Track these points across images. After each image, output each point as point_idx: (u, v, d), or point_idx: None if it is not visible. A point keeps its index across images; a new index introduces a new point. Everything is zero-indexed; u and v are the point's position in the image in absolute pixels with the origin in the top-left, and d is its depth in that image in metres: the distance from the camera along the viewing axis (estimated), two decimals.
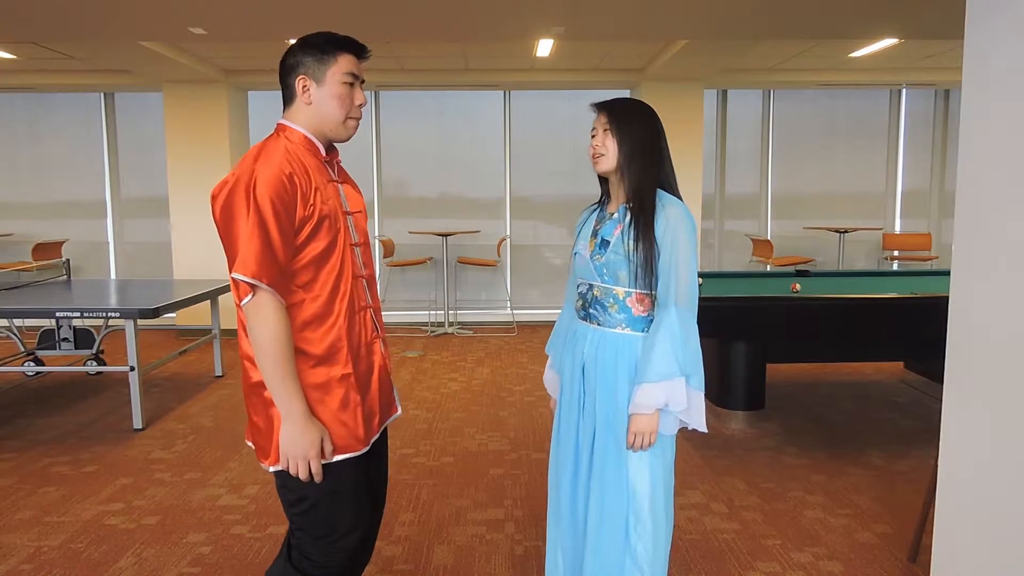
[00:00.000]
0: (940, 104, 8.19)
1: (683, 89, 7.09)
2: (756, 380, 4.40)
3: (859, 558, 2.87)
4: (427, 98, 7.94)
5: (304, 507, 1.74)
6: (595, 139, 2.00)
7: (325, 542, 1.76)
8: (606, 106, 2.00)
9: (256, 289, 1.61)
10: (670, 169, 2.01)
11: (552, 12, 4.51)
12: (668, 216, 1.92)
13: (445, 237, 7.26)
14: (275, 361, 1.63)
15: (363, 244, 1.88)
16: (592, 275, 2.03)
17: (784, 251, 8.10)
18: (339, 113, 1.78)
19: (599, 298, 2.02)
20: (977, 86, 2.16)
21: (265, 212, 1.60)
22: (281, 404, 1.66)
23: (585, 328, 2.07)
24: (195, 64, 6.32)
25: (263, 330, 1.62)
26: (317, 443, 1.67)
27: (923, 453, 3.95)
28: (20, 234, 7.86)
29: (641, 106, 2.02)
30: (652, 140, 1.97)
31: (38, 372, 5.55)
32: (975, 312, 2.18)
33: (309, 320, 1.70)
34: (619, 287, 1.98)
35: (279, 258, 1.62)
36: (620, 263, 1.96)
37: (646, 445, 1.94)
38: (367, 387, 1.82)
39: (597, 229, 2.05)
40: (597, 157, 2.00)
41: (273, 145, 1.71)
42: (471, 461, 3.93)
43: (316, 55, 1.75)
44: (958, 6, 2.42)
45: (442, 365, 6.10)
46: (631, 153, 1.95)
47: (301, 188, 1.66)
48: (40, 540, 3.07)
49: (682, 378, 1.92)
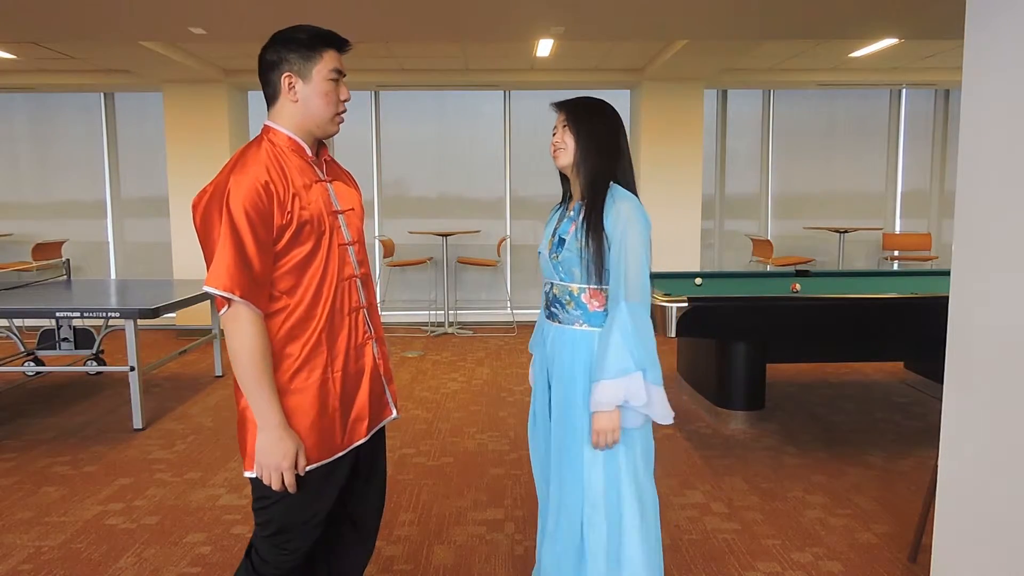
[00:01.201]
0: (940, 104, 8.19)
1: (683, 89, 7.09)
2: (756, 380, 4.39)
3: (859, 558, 2.87)
4: (427, 98, 7.94)
5: (263, 504, 1.74)
6: (555, 136, 2.06)
7: (274, 541, 1.76)
8: (564, 105, 2.07)
9: (231, 301, 1.60)
10: (627, 166, 2.05)
11: (552, 12, 4.51)
12: (619, 210, 1.95)
13: (445, 237, 7.26)
14: (251, 371, 1.62)
15: (357, 242, 1.85)
16: (552, 274, 2.10)
17: (784, 251, 8.10)
18: (327, 110, 1.75)
19: (558, 296, 2.08)
20: (977, 86, 2.16)
21: (239, 223, 1.58)
22: (257, 413, 1.65)
23: (548, 326, 2.14)
24: (195, 64, 6.32)
25: (239, 342, 1.62)
26: (291, 455, 1.65)
27: (923, 453, 3.95)
28: (20, 234, 7.86)
29: (599, 103, 2.07)
30: (608, 136, 2.02)
31: (38, 372, 5.55)
32: (975, 312, 2.18)
33: (292, 326, 1.69)
34: (574, 284, 2.03)
35: (255, 269, 1.60)
36: (574, 260, 2.01)
37: (611, 443, 1.95)
38: (355, 391, 1.80)
39: (556, 228, 2.12)
40: (557, 151, 2.05)
41: (253, 152, 1.68)
42: (471, 461, 3.93)
43: (301, 52, 1.71)
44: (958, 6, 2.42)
45: (442, 365, 6.10)
46: (587, 148, 2.00)
47: (278, 195, 1.63)
48: (40, 540, 3.07)
49: (638, 372, 1.91)
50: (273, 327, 1.68)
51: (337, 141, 7.98)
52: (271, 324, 1.68)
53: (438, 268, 7.83)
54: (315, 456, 1.72)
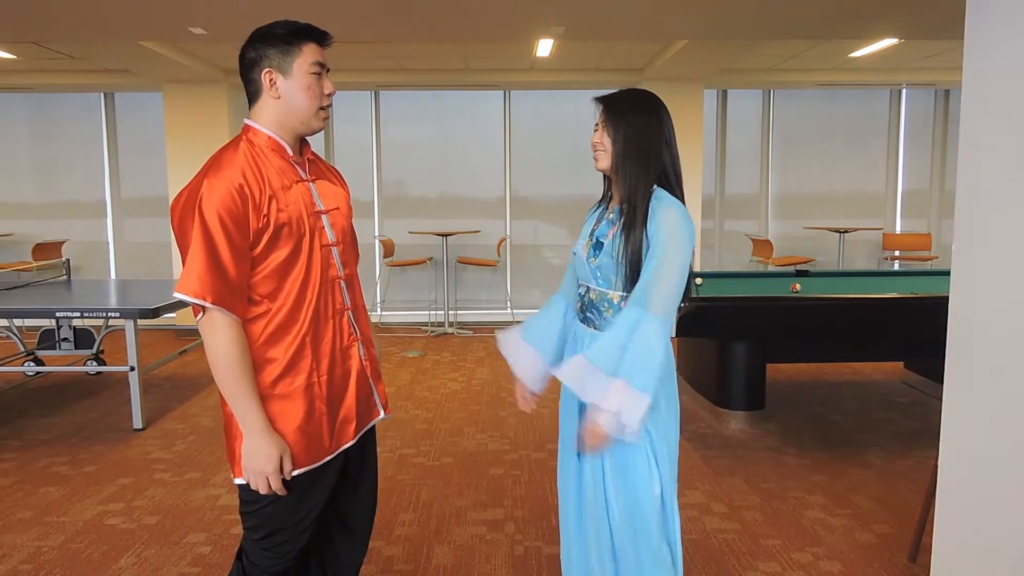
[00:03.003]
0: (940, 104, 8.19)
1: (683, 89, 7.09)
2: (756, 380, 4.39)
3: (859, 558, 2.87)
4: (427, 98, 7.94)
5: (251, 508, 1.73)
6: (595, 135, 1.94)
7: (263, 544, 1.75)
8: (604, 101, 1.93)
9: (205, 308, 1.58)
10: (671, 167, 1.90)
11: (552, 12, 4.50)
12: (663, 219, 1.82)
13: (445, 237, 7.26)
14: (230, 378, 1.60)
15: (341, 243, 1.80)
16: (588, 277, 1.99)
17: (784, 251, 8.10)
18: (310, 105, 1.71)
19: (594, 301, 1.97)
20: (977, 86, 2.16)
21: (212, 228, 1.55)
22: (240, 419, 1.64)
23: (583, 331, 2.01)
24: (195, 64, 6.32)
25: (215, 348, 1.60)
26: (275, 458, 1.63)
27: (923, 453, 3.95)
28: (20, 234, 7.85)
29: (641, 98, 1.92)
30: (648, 137, 1.87)
31: (38, 372, 5.55)
32: (975, 312, 2.18)
33: (274, 330, 1.67)
34: (613, 291, 1.92)
35: (229, 275, 1.57)
36: (612, 267, 1.90)
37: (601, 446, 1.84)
38: (342, 393, 1.78)
39: (594, 230, 2.00)
40: (596, 153, 1.94)
41: (229, 155, 1.65)
42: (471, 461, 3.93)
43: (280, 46, 1.67)
44: (958, 6, 2.41)
45: (442, 365, 6.10)
46: (624, 153, 1.87)
47: (253, 199, 1.60)
48: (40, 540, 3.07)
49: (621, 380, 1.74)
50: (255, 332, 1.66)
51: (337, 141, 7.99)
52: (252, 329, 1.66)
53: (438, 268, 7.83)
54: (303, 460, 1.70)
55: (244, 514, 1.75)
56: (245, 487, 1.70)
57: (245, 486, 1.69)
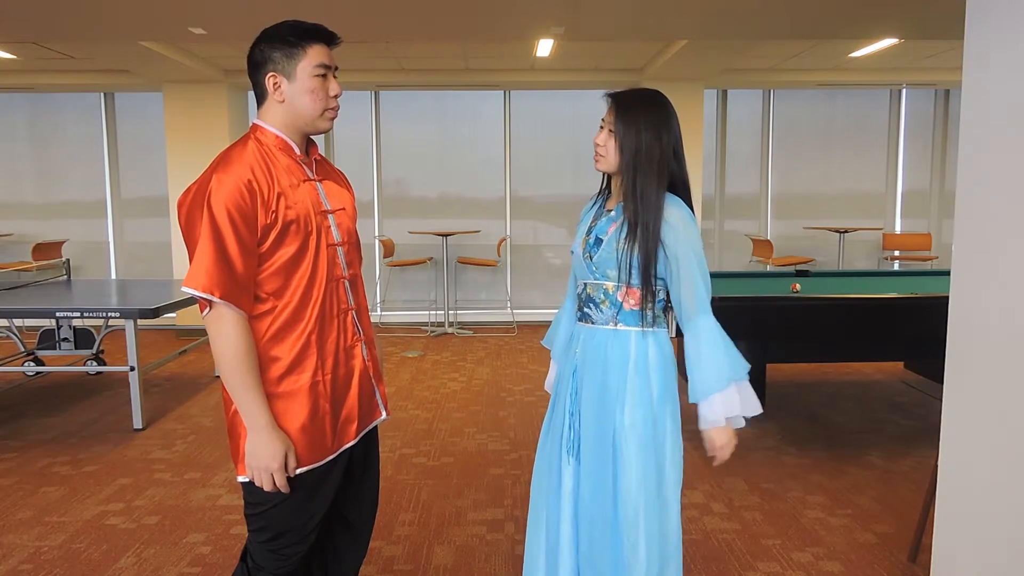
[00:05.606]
0: (940, 104, 8.19)
1: (683, 89, 7.08)
2: (756, 380, 4.38)
3: (859, 558, 2.87)
4: (427, 98, 7.94)
5: (257, 510, 1.72)
6: (599, 135, 1.91)
7: (270, 546, 1.74)
8: (614, 99, 1.89)
9: (212, 302, 1.58)
10: (678, 170, 1.88)
11: (552, 12, 4.51)
12: (674, 223, 1.84)
13: (445, 237, 7.26)
14: (236, 373, 1.60)
15: (346, 244, 1.81)
16: (585, 274, 1.97)
17: (784, 251, 8.10)
18: (314, 108, 1.70)
19: (591, 295, 1.95)
20: (977, 86, 2.16)
21: (221, 223, 1.55)
22: (245, 415, 1.63)
23: (580, 329, 2.00)
24: (195, 64, 6.32)
25: (222, 344, 1.59)
26: (280, 456, 1.63)
27: (923, 453, 3.95)
28: (20, 234, 7.86)
29: (651, 103, 1.88)
30: (655, 144, 1.84)
31: (38, 372, 5.55)
32: (975, 312, 2.18)
33: (280, 328, 1.66)
34: (609, 282, 1.91)
35: (237, 270, 1.57)
36: (610, 262, 1.89)
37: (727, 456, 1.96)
38: (345, 393, 1.78)
39: (592, 226, 1.98)
40: (598, 155, 1.92)
41: (238, 151, 1.65)
42: (471, 461, 3.93)
43: (284, 49, 1.66)
44: (958, 6, 2.41)
45: (442, 365, 6.10)
46: (631, 162, 1.85)
47: (261, 195, 1.60)
48: (40, 540, 3.07)
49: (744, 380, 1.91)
50: (260, 329, 1.65)
51: (337, 141, 7.99)
52: (258, 326, 1.65)
53: (438, 268, 7.83)
54: (306, 459, 1.70)
55: (250, 516, 1.75)
56: (251, 490, 1.69)
57: (251, 488, 1.69)
